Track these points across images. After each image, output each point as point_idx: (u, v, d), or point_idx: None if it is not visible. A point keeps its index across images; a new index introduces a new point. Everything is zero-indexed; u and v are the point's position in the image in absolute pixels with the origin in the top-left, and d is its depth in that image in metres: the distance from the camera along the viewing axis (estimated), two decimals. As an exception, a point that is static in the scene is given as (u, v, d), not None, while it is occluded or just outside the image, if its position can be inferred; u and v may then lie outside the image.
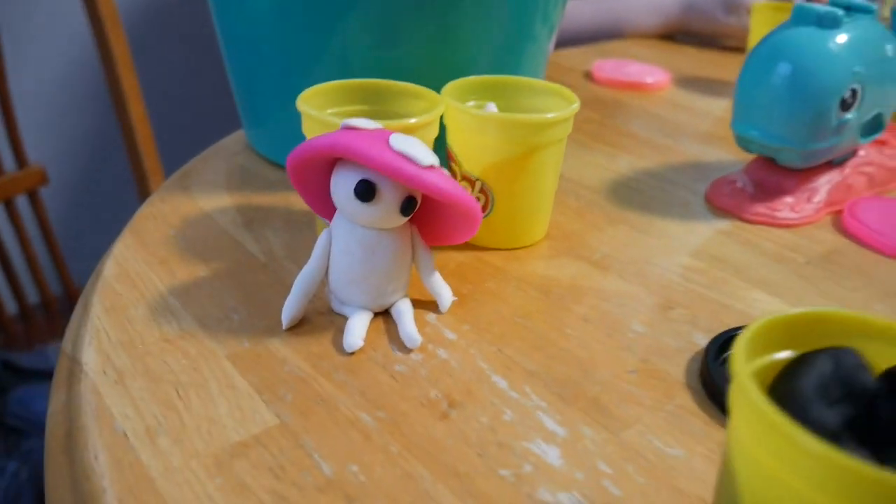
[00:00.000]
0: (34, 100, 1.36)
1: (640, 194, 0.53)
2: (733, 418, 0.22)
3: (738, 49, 0.94)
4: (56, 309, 1.21)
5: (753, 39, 0.76)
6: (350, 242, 0.36)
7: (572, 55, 0.90)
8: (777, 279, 0.44)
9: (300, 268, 0.41)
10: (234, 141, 0.60)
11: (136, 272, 0.41)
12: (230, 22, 0.52)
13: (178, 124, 1.49)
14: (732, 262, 0.45)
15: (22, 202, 1.17)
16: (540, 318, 0.39)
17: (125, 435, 0.30)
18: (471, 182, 0.43)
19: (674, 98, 0.76)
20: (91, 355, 0.35)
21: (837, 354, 0.24)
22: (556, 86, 0.45)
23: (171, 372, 0.34)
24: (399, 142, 0.33)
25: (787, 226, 0.50)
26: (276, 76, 0.51)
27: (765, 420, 0.20)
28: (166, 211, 0.48)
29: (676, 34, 0.99)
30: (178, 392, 0.33)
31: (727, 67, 0.87)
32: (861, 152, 0.54)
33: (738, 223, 0.50)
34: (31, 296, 1.23)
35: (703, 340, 0.38)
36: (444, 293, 0.39)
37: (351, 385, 0.34)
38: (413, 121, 0.39)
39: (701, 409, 0.33)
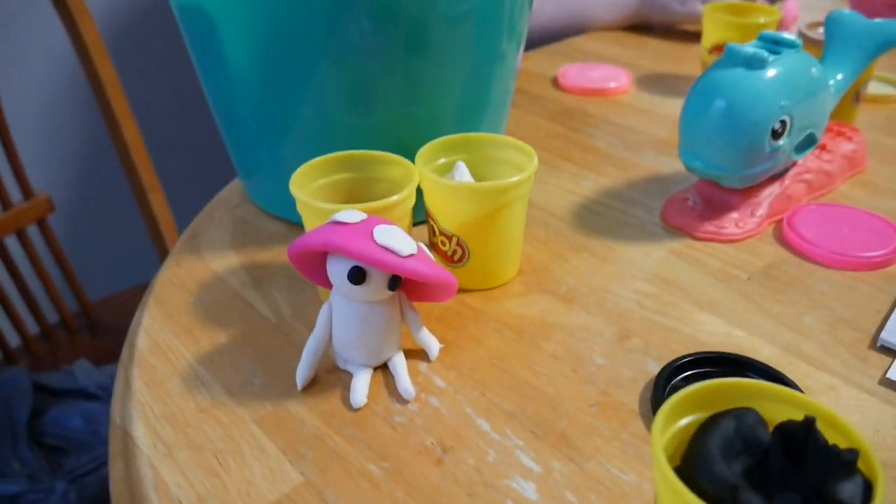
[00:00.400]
0: (31, 129, 1.40)
1: (602, 218, 0.60)
2: (655, 474, 0.29)
3: (697, 36, 0.99)
4: (75, 327, 1.28)
5: (706, 39, 0.81)
6: (348, 314, 0.43)
7: (539, 59, 0.95)
8: (721, 299, 0.50)
9: (306, 327, 0.48)
10: (233, 192, 0.66)
11: (165, 343, 0.48)
12: (214, 85, 0.57)
13: (170, 139, 1.54)
14: (682, 285, 0.52)
15: (32, 230, 1.22)
16: (515, 359, 0.45)
17: (181, 503, 0.37)
18: (448, 237, 0.50)
19: (635, 102, 0.81)
20: (141, 430, 0.42)
21: (739, 415, 0.30)
22: (516, 141, 0.51)
23: (210, 440, 0.41)
24: (382, 235, 0.39)
25: (732, 241, 0.56)
26: (261, 138, 0.57)
27: (671, 485, 0.27)
28: (182, 276, 0.54)
29: (638, 25, 1.04)
30: (218, 459, 0.39)
31: (685, 62, 0.92)
32: (799, 161, 0.60)
33: (689, 241, 0.56)
34: (50, 316, 1.29)
35: (654, 368, 0.44)
36: (433, 345, 0.46)
37: (359, 439, 0.40)
38: (394, 198, 0.45)
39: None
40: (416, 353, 0.46)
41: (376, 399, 0.43)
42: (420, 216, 0.56)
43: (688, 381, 0.43)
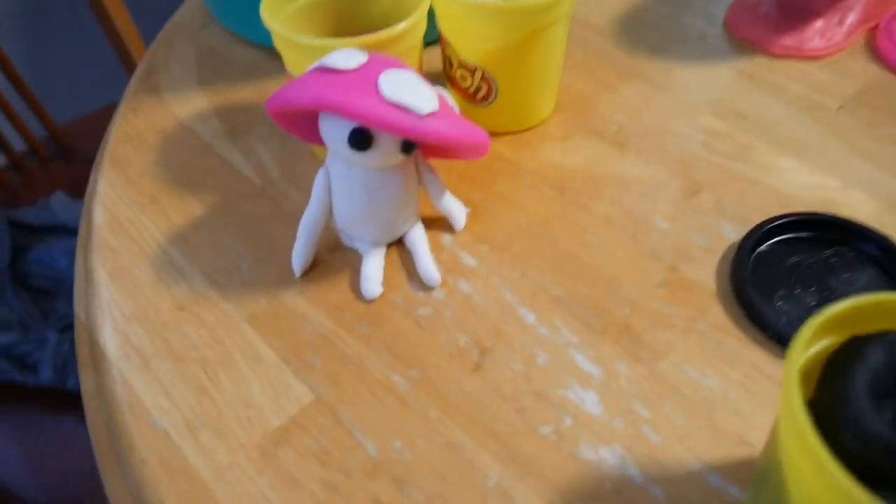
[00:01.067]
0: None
1: (653, 31, 0.48)
2: (781, 415, 0.22)
3: None
4: (45, 153, 1.18)
5: None
6: (351, 183, 0.33)
7: None
8: (807, 137, 0.41)
9: (299, 190, 0.39)
10: (195, 10, 0.53)
11: (127, 219, 0.39)
12: None
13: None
14: (757, 119, 0.42)
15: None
16: (558, 225, 0.37)
17: (166, 433, 0.30)
18: (470, 70, 0.39)
19: None
20: (109, 336, 0.34)
21: (892, 342, 0.23)
22: (556, -64, 0.39)
23: (194, 347, 0.33)
24: (392, 89, 0.29)
25: (817, 57, 0.45)
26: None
27: (807, 444, 0.19)
28: (141, 127, 0.44)
29: None
30: (206, 372, 0.32)
31: None
32: (901, -53, 0.47)
33: (763, 58, 0.46)
34: (17, 145, 1.19)
35: (731, 233, 0.36)
36: (457, 212, 0.37)
37: (376, 339, 0.33)
38: (400, 27, 0.34)
39: (734, 325, 0.33)
40: (437, 223, 0.38)
41: (393, 286, 0.35)
42: (431, 36, 0.45)
43: (774, 249, 0.35)
